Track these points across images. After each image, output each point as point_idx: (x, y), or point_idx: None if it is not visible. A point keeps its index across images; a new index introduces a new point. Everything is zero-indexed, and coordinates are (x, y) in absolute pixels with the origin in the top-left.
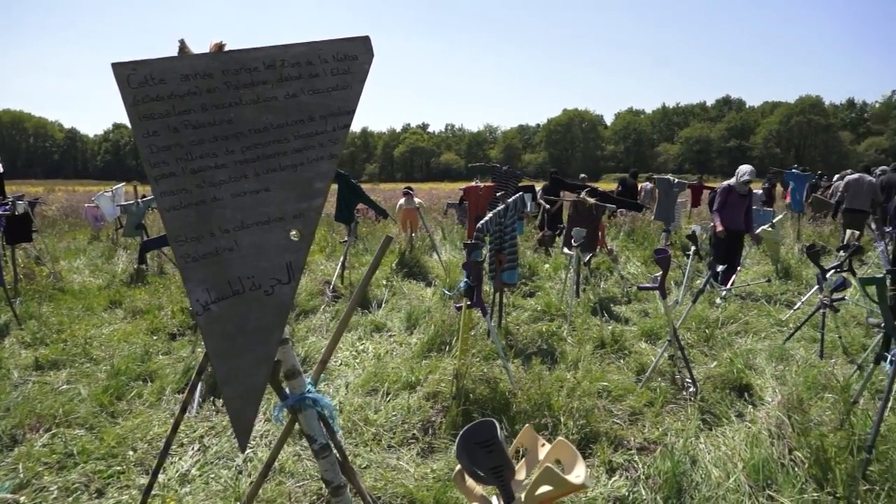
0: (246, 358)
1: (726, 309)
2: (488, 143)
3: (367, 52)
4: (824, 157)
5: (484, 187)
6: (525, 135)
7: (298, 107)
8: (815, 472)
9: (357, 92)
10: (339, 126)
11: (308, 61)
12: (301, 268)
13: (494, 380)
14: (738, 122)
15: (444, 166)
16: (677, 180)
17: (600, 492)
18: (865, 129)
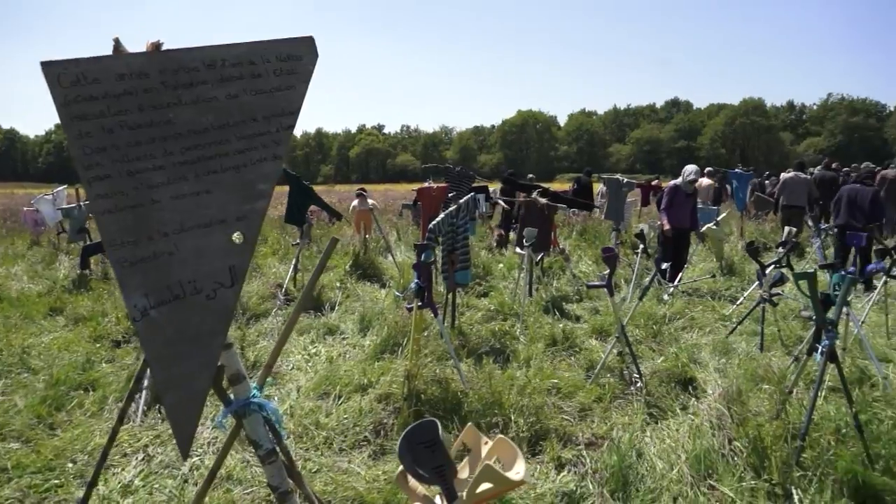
0: (187, 364)
1: (673, 305)
2: (444, 144)
3: (312, 53)
4: (767, 157)
5: (437, 188)
6: (480, 136)
7: (240, 107)
8: (752, 461)
9: (301, 93)
10: (283, 127)
11: (250, 61)
12: (245, 271)
13: (446, 380)
14: (685, 123)
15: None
16: (626, 180)
17: (549, 487)
18: (804, 130)
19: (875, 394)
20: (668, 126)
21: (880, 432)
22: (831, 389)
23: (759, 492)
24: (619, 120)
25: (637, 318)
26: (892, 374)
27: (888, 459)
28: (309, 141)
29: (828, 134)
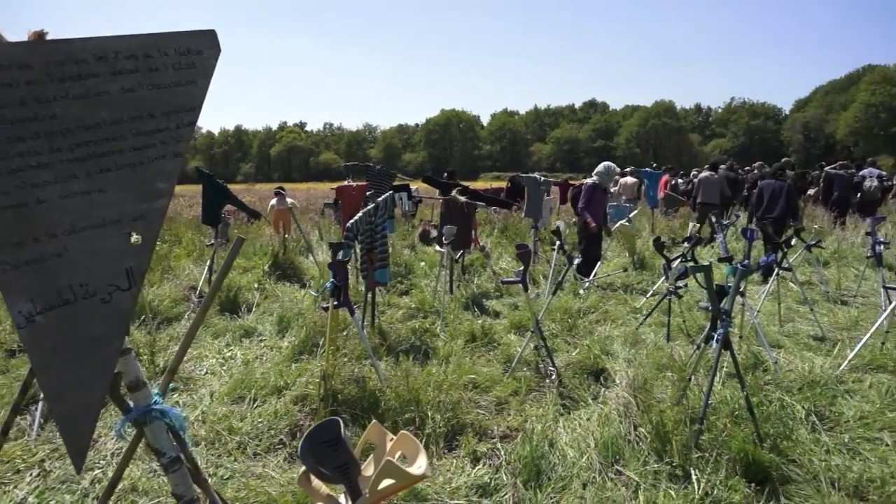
0: (79, 371)
1: (588, 299)
2: (368, 143)
3: (214, 47)
4: (677, 157)
5: (356, 187)
6: (404, 134)
7: (136, 102)
8: (655, 445)
9: (203, 88)
10: (184, 123)
11: (146, 54)
12: (144, 272)
13: (364, 379)
14: (602, 123)
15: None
16: (543, 178)
17: (464, 481)
18: (711, 131)
19: (767, 377)
20: (587, 126)
21: (769, 413)
22: (729, 375)
23: (662, 474)
24: (539, 120)
25: (553, 313)
26: (782, 358)
27: (775, 438)
28: (228, 138)
29: (731, 135)
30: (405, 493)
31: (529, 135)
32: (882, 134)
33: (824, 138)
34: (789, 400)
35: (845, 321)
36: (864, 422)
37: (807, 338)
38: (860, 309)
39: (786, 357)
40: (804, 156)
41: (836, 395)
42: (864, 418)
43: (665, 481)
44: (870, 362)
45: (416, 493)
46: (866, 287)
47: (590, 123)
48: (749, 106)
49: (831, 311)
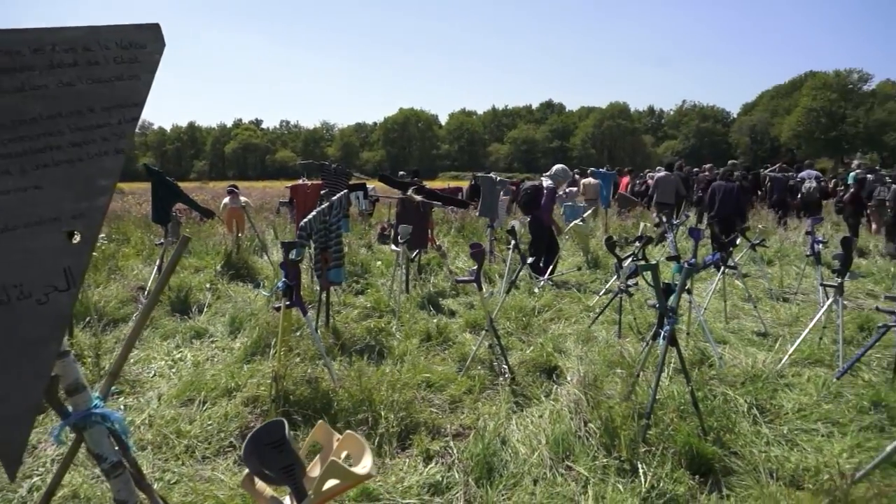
0: (12, 375)
1: (542, 297)
2: (325, 141)
3: (157, 41)
4: (632, 158)
5: (312, 185)
6: (362, 133)
7: (75, 97)
8: (604, 440)
9: (146, 83)
10: (126, 119)
11: (85, 47)
12: (83, 272)
13: (317, 379)
14: (559, 124)
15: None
16: (499, 178)
17: (416, 480)
18: (663, 133)
19: (712, 373)
20: (544, 127)
21: (714, 407)
22: (677, 370)
23: (610, 468)
24: (497, 120)
25: (508, 311)
26: (727, 354)
27: (719, 431)
28: (181, 135)
29: (683, 137)
30: (357, 494)
31: (487, 135)
32: (822, 138)
33: (770, 141)
34: (732, 394)
35: (787, 317)
36: (801, 414)
37: (751, 334)
38: (801, 305)
39: (731, 352)
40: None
41: (776, 388)
42: (802, 410)
43: (613, 475)
44: (808, 357)
45: (368, 493)
46: (806, 284)
47: (546, 124)
48: (699, 109)
49: (774, 307)
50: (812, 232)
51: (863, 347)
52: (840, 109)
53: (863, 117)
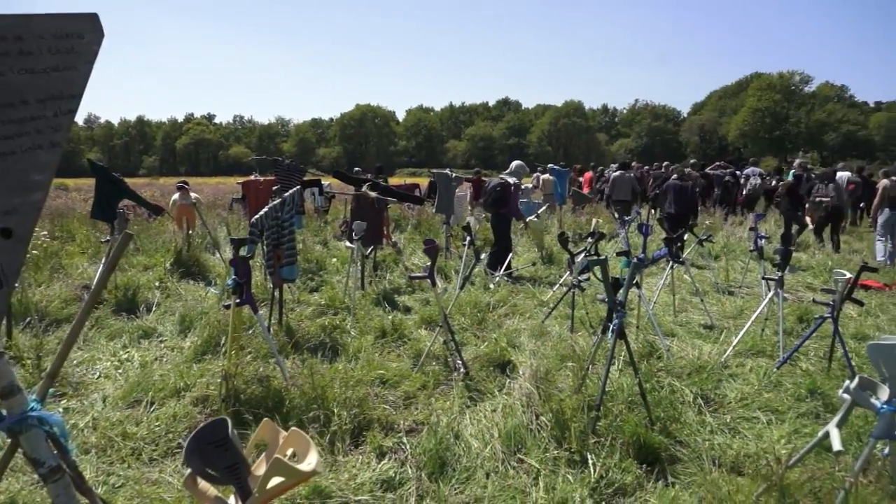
0: None
1: (497, 293)
2: (281, 137)
3: (96, 31)
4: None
5: (264, 181)
6: (319, 128)
7: (6, 87)
8: (555, 433)
9: (84, 74)
10: (62, 112)
11: (17, 35)
12: (18, 270)
13: (268, 378)
14: (516, 121)
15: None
16: (455, 175)
17: (369, 476)
18: (616, 131)
19: (660, 365)
20: (501, 124)
21: (661, 398)
22: (626, 363)
23: (561, 460)
24: (455, 117)
25: (463, 307)
26: (675, 346)
27: (665, 421)
28: (129, 129)
29: (635, 136)
30: (308, 492)
31: (445, 131)
32: (767, 137)
33: (718, 140)
34: (679, 385)
35: (732, 310)
36: (744, 403)
37: (698, 326)
38: (745, 298)
39: (678, 345)
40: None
41: (721, 378)
42: (745, 399)
43: (564, 467)
44: (751, 348)
45: (320, 491)
46: (751, 278)
47: (504, 121)
48: (651, 108)
49: (720, 301)
50: (755, 228)
51: (801, 338)
52: (783, 110)
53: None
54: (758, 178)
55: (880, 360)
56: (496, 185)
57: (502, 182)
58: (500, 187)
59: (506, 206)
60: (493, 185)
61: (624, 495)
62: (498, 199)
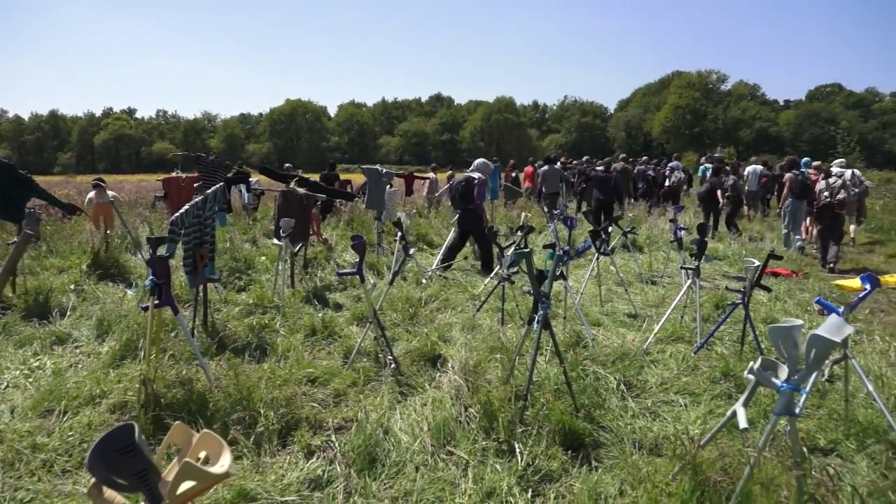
0: None
1: (429, 288)
2: (208, 132)
3: None
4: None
5: (186, 178)
6: (247, 124)
7: None
8: (484, 424)
9: None
10: None
11: None
12: None
13: (190, 380)
14: (448, 117)
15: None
16: (385, 171)
17: (296, 476)
18: (547, 127)
19: (585, 353)
20: (433, 119)
21: (586, 385)
22: (554, 353)
23: (489, 450)
24: (387, 112)
25: (395, 303)
26: (600, 335)
27: (590, 407)
28: (41, 124)
29: (565, 131)
30: (233, 495)
31: (378, 127)
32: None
33: (643, 136)
34: (603, 372)
35: (654, 299)
36: (664, 387)
37: (623, 315)
38: (667, 287)
39: (604, 334)
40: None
41: (643, 365)
42: (664, 384)
43: (492, 457)
44: (671, 334)
45: (245, 494)
46: (672, 268)
47: (436, 117)
48: (580, 104)
49: (643, 290)
50: (675, 220)
51: (715, 324)
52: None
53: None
54: (680, 172)
55: (780, 342)
56: (461, 181)
57: (467, 177)
58: (465, 182)
59: (472, 202)
60: (458, 182)
61: (550, 481)
62: (464, 195)
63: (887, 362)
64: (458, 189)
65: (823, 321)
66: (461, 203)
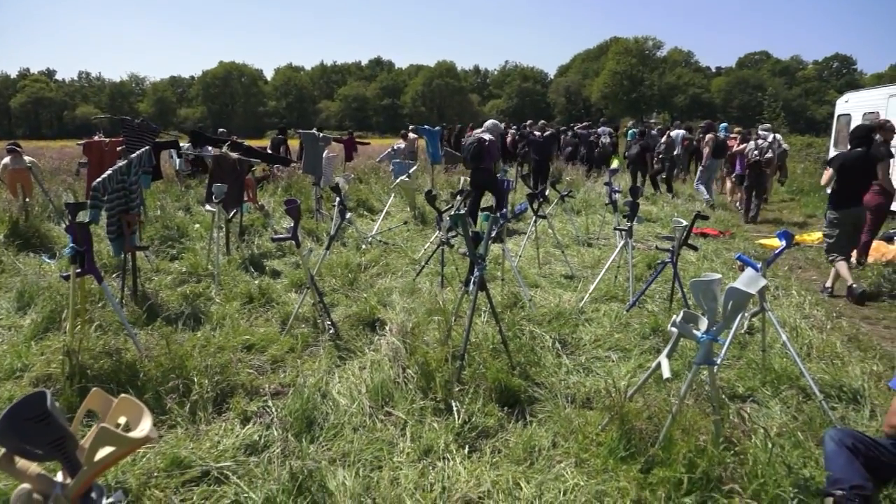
0: None
1: (369, 253)
2: (136, 96)
3: None
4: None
5: (110, 143)
6: (179, 87)
7: None
8: (421, 384)
9: None
10: None
11: None
12: None
13: (119, 351)
14: (389, 82)
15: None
16: (322, 135)
17: (232, 442)
18: (488, 92)
19: (522, 314)
20: (374, 84)
21: (522, 344)
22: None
23: (427, 409)
24: (327, 76)
25: (334, 269)
26: (538, 296)
27: (525, 365)
28: None
29: (506, 97)
30: (166, 464)
31: (317, 91)
32: (625, 98)
33: (582, 101)
34: (539, 331)
35: (591, 260)
36: (597, 344)
37: (560, 277)
38: (602, 249)
39: (541, 295)
40: (567, 117)
41: (577, 323)
42: (598, 341)
43: (430, 416)
44: (605, 294)
45: (179, 462)
46: (607, 230)
47: (377, 81)
48: (521, 70)
49: (580, 252)
50: (610, 182)
51: (646, 282)
52: (639, 73)
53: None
54: (607, 136)
55: (700, 295)
56: (473, 141)
57: (479, 139)
58: (477, 143)
59: (484, 161)
60: (470, 142)
61: (487, 437)
62: (476, 155)
63: (801, 315)
64: (470, 150)
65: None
66: (473, 163)
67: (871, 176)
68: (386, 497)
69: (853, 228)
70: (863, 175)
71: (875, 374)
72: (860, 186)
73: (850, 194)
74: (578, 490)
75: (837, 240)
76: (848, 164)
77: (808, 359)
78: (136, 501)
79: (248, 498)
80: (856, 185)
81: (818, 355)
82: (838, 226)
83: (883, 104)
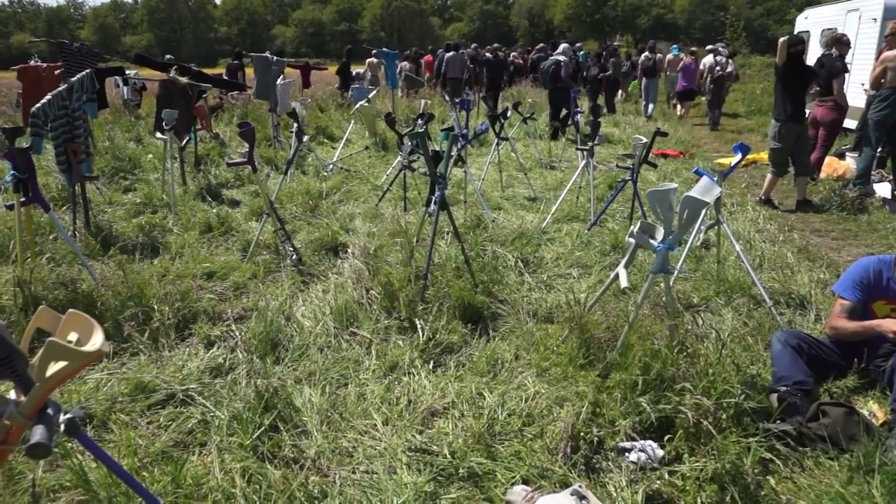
0: None
1: (331, 180)
2: (75, 22)
3: None
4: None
5: (47, 68)
6: (122, 13)
7: None
8: (385, 304)
9: None
10: None
11: None
12: None
13: (74, 281)
14: (346, 5)
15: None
16: (276, 59)
17: (196, 366)
18: (450, 15)
19: (485, 235)
20: (330, 7)
21: (485, 264)
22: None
23: (392, 328)
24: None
25: (295, 196)
26: (501, 218)
27: (488, 283)
28: None
29: (468, 20)
30: (130, 389)
31: (270, 16)
32: (588, 20)
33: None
34: (502, 251)
35: (553, 182)
36: (558, 262)
37: (523, 199)
38: (565, 171)
39: (504, 216)
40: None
41: (540, 243)
42: (560, 259)
43: (395, 334)
44: (567, 214)
45: (143, 386)
46: (570, 153)
47: (333, 4)
48: None
49: (543, 175)
50: (573, 101)
51: (606, 201)
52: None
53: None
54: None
55: (657, 205)
56: (550, 63)
57: (556, 61)
58: (554, 65)
59: (561, 81)
60: (548, 65)
61: (451, 352)
62: (554, 76)
63: (755, 228)
64: (548, 71)
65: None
66: (551, 83)
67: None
68: (353, 411)
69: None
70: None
71: (821, 281)
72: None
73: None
74: (539, 397)
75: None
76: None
77: (760, 269)
78: (101, 426)
79: (215, 417)
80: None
81: (770, 266)
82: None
83: (841, 20)
